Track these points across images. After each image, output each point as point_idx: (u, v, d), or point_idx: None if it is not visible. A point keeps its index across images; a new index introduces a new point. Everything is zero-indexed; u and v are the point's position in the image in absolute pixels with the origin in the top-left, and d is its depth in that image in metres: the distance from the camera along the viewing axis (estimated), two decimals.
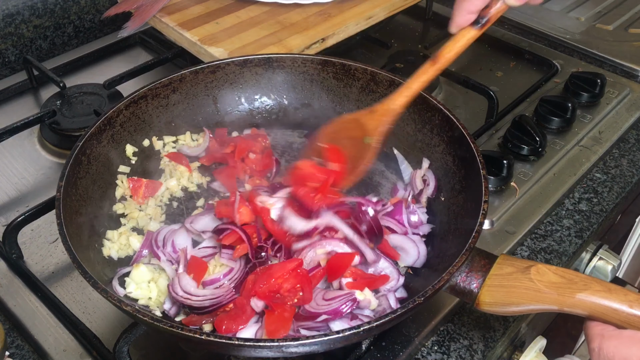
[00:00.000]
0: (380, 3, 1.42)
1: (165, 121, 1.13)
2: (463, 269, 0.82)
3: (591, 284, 0.75)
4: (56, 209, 0.85)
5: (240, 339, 0.72)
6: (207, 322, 0.85)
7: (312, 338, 0.72)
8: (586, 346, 0.77)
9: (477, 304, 0.81)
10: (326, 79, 1.18)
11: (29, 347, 0.93)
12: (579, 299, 0.74)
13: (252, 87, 1.19)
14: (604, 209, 1.17)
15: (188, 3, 1.42)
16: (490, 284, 0.80)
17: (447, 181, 1.03)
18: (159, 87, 1.10)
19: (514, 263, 0.81)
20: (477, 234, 0.83)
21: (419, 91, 1.00)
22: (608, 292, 0.74)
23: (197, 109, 1.17)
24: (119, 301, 0.75)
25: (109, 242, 0.96)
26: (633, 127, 1.35)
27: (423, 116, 1.08)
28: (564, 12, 1.70)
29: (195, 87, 1.15)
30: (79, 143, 0.96)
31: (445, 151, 1.04)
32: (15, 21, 1.45)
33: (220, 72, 1.16)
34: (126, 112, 1.06)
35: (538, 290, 0.76)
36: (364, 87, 1.15)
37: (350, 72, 1.15)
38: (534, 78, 1.46)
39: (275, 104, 1.21)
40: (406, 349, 0.91)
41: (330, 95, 1.19)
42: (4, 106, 1.38)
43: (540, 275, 0.77)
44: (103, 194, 1.01)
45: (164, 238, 0.96)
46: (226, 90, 1.18)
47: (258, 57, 1.17)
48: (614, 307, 0.73)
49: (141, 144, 1.10)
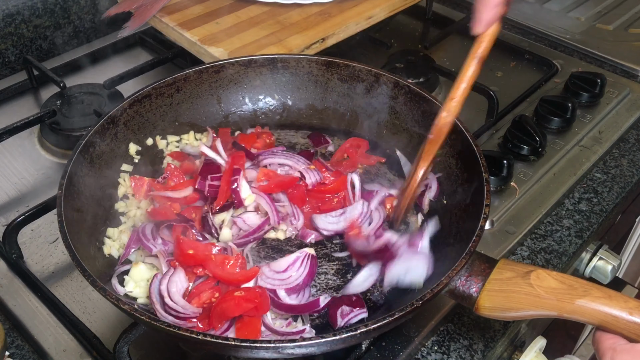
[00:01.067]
0: (380, 3, 1.42)
1: (169, 120, 1.13)
2: (463, 272, 0.81)
3: (591, 291, 0.74)
4: (57, 206, 0.85)
5: (237, 339, 0.72)
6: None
7: (309, 340, 0.72)
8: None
9: (476, 308, 0.81)
10: (330, 80, 1.18)
11: (29, 347, 0.93)
12: (578, 305, 0.74)
13: (257, 87, 1.19)
14: (604, 209, 1.17)
15: (188, 3, 1.42)
16: (490, 288, 0.80)
17: (449, 184, 1.03)
18: (163, 86, 1.10)
19: (514, 268, 0.80)
20: (477, 238, 0.83)
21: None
22: (608, 298, 0.73)
23: (201, 109, 1.17)
24: (116, 299, 0.75)
25: (109, 240, 0.97)
26: (633, 127, 1.35)
27: (427, 119, 1.08)
28: (564, 12, 1.70)
29: (200, 86, 1.15)
30: (82, 141, 0.96)
31: (448, 154, 1.04)
32: (15, 21, 1.45)
33: (225, 72, 1.16)
34: (130, 110, 1.06)
35: (537, 296, 0.76)
36: (368, 88, 1.15)
37: (354, 74, 1.15)
38: (534, 78, 1.46)
39: (279, 104, 1.21)
40: (406, 349, 0.91)
41: (335, 96, 1.19)
42: (4, 106, 1.38)
43: (540, 280, 0.76)
44: (105, 193, 1.01)
45: (152, 231, 0.96)
46: (230, 90, 1.18)
47: (263, 57, 1.17)
48: (614, 314, 0.72)
49: (144, 143, 1.10)
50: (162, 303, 0.85)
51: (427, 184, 1.05)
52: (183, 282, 0.88)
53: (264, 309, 0.85)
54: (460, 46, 1.57)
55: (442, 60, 1.50)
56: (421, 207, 1.04)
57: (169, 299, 0.85)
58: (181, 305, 0.85)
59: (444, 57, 1.52)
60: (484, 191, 0.89)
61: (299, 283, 0.90)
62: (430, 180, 1.06)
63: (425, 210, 1.04)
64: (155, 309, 0.84)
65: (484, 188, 0.90)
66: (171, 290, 0.86)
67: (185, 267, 0.89)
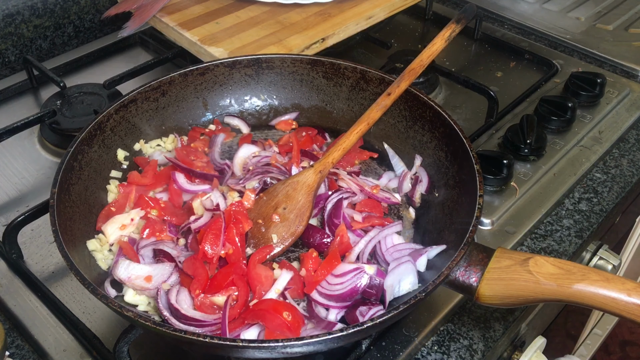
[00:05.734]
0: (380, 3, 1.42)
1: (156, 125, 1.13)
2: (462, 263, 0.83)
3: (589, 274, 0.75)
4: (50, 215, 0.85)
5: (244, 340, 0.72)
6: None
7: (310, 338, 0.72)
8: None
9: (477, 297, 0.82)
10: (316, 79, 1.18)
11: (29, 347, 0.93)
12: (577, 289, 0.75)
13: (242, 89, 1.20)
14: (603, 209, 1.17)
15: (188, 3, 1.43)
16: (489, 277, 0.81)
17: (440, 177, 1.04)
18: (149, 90, 1.10)
19: (511, 256, 0.82)
20: (474, 228, 0.84)
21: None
22: (606, 281, 0.74)
23: (187, 112, 1.17)
24: (119, 307, 0.75)
25: (96, 253, 0.96)
26: (633, 127, 1.36)
27: (414, 113, 1.09)
28: (563, 12, 1.70)
29: (185, 89, 1.15)
30: (70, 149, 0.95)
31: (437, 147, 1.05)
32: (15, 21, 1.45)
33: (210, 74, 1.16)
34: (116, 116, 1.06)
35: (537, 282, 0.77)
36: (354, 85, 1.16)
37: (339, 71, 1.16)
38: (534, 78, 1.46)
39: (265, 104, 1.21)
40: (406, 349, 0.92)
41: (321, 95, 1.19)
42: (4, 106, 1.38)
43: (539, 267, 0.78)
44: (96, 200, 1.00)
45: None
46: (216, 92, 1.18)
47: (247, 58, 1.17)
48: (612, 296, 0.73)
49: (132, 148, 1.10)
50: (176, 315, 0.84)
51: (417, 178, 1.06)
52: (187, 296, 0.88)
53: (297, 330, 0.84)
54: (460, 46, 1.58)
55: (442, 61, 1.50)
56: (413, 200, 1.05)
57: (182, 309, 0.84)
58: (198, 315, 0.85)
59: (444, 57, 1.52)
60: (476, 182, 0.90)
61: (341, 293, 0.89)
62: (420, 173, 1.06)
63: (417, 204, 1.05)
64: (171, 322, 0.84)
65: (477, 179, 0.91)
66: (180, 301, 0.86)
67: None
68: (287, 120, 1.20)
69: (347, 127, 1.06)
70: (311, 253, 0.93)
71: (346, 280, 0.89)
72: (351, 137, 1.03)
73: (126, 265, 0.89)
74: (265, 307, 0.84)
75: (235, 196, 1.01)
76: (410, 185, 1.07)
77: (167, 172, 1.05)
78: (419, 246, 0.95)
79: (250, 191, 1.00)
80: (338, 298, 0.88)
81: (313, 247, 0.96)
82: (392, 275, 0.89)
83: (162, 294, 0.86)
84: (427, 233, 1.00)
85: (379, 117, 1.05)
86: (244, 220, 0.94)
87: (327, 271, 0.90)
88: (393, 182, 1.10)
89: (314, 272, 0.91)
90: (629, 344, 2.66)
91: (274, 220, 0.97)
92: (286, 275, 0.90)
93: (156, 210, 1.00)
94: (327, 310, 0.88)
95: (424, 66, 1.08)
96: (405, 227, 1.03)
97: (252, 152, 1.10)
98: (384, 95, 1.06)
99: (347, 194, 1.03)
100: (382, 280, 0.88)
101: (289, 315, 0.82)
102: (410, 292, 0.88)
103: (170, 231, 0.97)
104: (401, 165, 1.11)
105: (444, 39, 1.09)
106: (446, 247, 0.90)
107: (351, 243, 0.96)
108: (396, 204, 1.06)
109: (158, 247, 0.93)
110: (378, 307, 0.87)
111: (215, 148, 1.13)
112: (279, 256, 0.96)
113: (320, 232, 0.98)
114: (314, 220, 1.02)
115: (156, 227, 0.97)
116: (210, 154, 1.12)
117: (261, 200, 1.00)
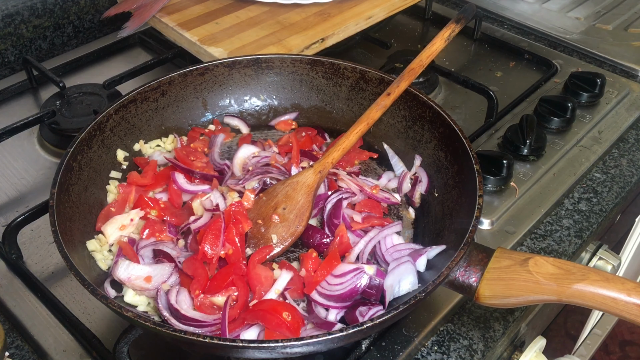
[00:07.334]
0: (380, 3, 1.42)
1: (155, 125, 1.13)
2: (462, 263, 0.83)
3: (589, 274, 0.75)
4: (50, 216, 0.85)
5: (244, 340, 0.72)
6: None
7: (310, 338, 0.72)
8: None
9: (477, 297, 0.82)
10: (315, 79, 1.18)
11: (29, 347, 0.93)
12: (576, 289, 0.75)
13: (242, 89, 1.20)
14: (603, 209, 1.17)
15: (188, 3, 1.43)
16: (489, 277, 0.81)
17: (439, 177, 1.04)
18: (148, 90, 1.10)
19: (511, 256, 0.82)
20: (474, 228, 0.84)
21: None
22: (606, 281, 0.74)
23: (186, 112, 1.17)
24: (119, 307, 0.75)
25: (96, 253, 0.96)
26: (633, 127, 1.36)
27: (414, 113, 1.09)
28: (563, 12, 1.70)
29: (184, 89, 1.15)
30: (69, 149, 0.95)
31: (437, 147, 1.05)
32: (14, 21, 1.45)
33: (209, 74, 1.16)
34: (116, 116, 1.06)
35: (537, 282, 0.77)
36: (353, 85, 1.16)
37: (339, 71, 1.16)
38: (534, 78, 1.46)
39: (265, 105, 1.21)
40: (406, 349, 0.91)
41: (320, 95, 1.19)
42: (4, 106, 1.38)
43: (539, 267, 0.78)
44: (96, 200, 1.00)
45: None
46: (215, 92, 1.18)
47: (247, 58, 1.17)
48: (612, 296, 0.73)
49: (132, 148, 1.10)
50: (176, 316, 0.84)
51: (417, 178, 1.06)
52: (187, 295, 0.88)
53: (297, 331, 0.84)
54: (460, 46, 1.58)
55: (442, 60, 1.50)
56: (412, 200, 1.05)
57: (182, 310, 0.84)
58: (198, 315, 0.85)
59: (444, 57, 1.52)
60: (476, 182, 0.90)
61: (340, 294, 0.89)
62: (420, 173, 1.06)
63: (416, 204, 1.05)
64: (171, 323, 0.84)
65: (476, 179, 0.91)
66: (180, 301, 0.86)
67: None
68: (286, 120, 1.20)
69: (346, 127, 1.06)
70: (311, 253, 0.93)
71: (346, 280, 0.89)
72: (351, 137, 1.03)
73: (126, 265, 0.89)
74: (265, 307, 0.84)
75: (235, 196, 1.01)
76: (409, 185, 1.07)
77: (167, 172, 1.05)
78: (419, 246, 0.95)
79: (250, 191, 1.00)
80: (338, 298, 0.88)
81: (313, 248, 0.96)
82: (392, 275, 0.89)
83: (162, 295, 0.86)
84: (426, 233, 1.00)
85: (378, 117, 1.05)
86: (243, 221, 0.94)
87: (326, 271, 0.90)
88: (393, 182, 1.10)
89: (313, 273, 0.91)
90: (628, 344, 2.66)
91: (273, 220, 0.97)
92: (286, 276, 0.90)
93: (156, 211, 1.00)
94: (327, 311, 0.88)
95: (423, 66, 1.08)
96: (404, 227, 1.03)
97: (251, 153, 1.11)
98: (384, 95, 1.06)
99: (346, 194, 1.04)
100: (382, 280, 0.88)
101: (288, 315, 0.82)
102: (410, 292, 0.88)
103: (170, 231, 0.97)
104: (401, 166, 1.11)
105: (444, 39, 1.09)
106: (446, 247, 0.90)
107: (351, 243, 0.96)
108: (396, 204, 1.06)
109: (158, 248, 0.93)
110: (378, 307, 0.87)
111: (215, 148, 1.13)
112: (279, 256, 0.96)
113: (320, 233, 0.98)
114: (313, 220, 1.02)
115: (156, 228, 0.97)
116: (209, 154, 1.12)
117: (261, 201, 1.00)
